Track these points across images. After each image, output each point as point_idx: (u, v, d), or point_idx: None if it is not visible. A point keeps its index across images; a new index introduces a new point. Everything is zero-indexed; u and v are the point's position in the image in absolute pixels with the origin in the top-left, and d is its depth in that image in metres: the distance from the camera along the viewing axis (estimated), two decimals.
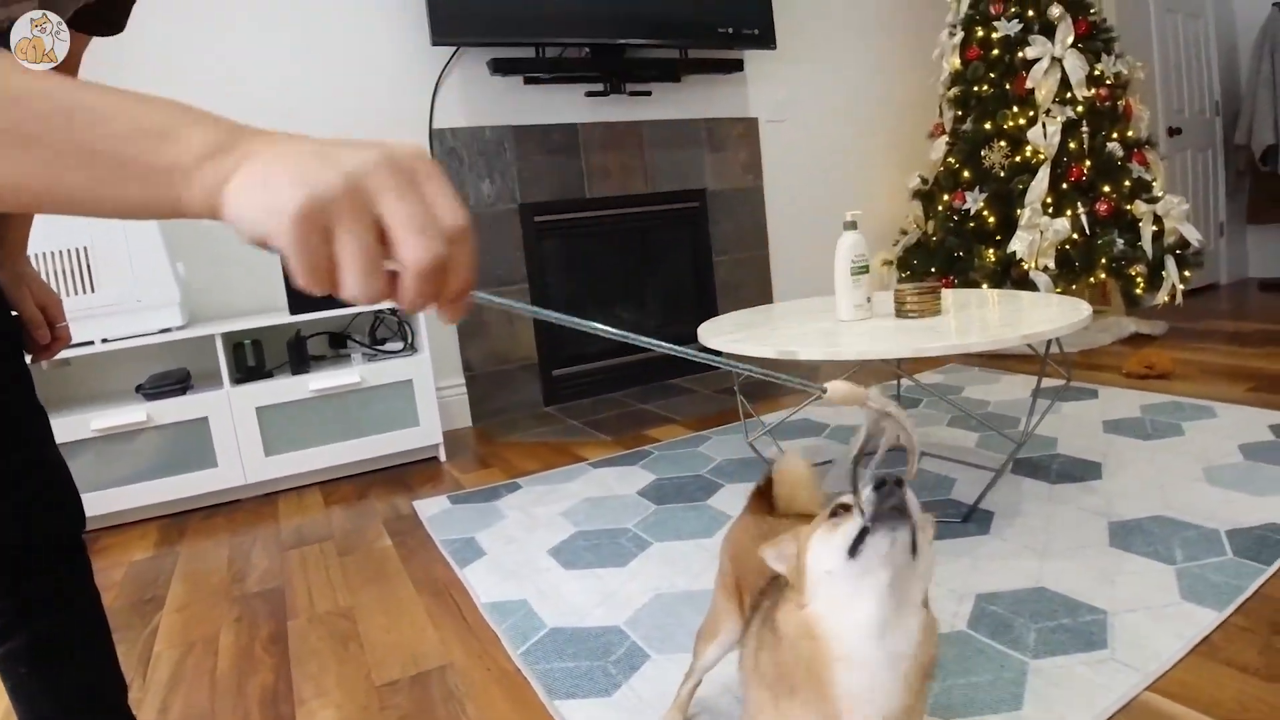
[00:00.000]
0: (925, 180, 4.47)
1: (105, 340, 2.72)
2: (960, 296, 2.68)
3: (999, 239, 4.01)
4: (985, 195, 4.07)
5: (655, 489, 2.61)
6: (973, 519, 2.12)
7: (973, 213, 4.09)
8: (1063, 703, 1.35)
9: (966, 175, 4.16)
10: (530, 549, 2.23)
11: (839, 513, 0.83)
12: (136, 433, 2.75)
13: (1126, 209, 3.92)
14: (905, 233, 4.52)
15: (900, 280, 4.37)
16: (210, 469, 2.85)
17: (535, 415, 3.79)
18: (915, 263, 4.29)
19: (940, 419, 3.06)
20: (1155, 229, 3.87)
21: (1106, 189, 3.92)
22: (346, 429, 3.03)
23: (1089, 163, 3.93)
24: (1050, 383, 3.09)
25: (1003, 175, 4.03)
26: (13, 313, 1.10)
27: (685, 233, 4.27)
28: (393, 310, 3.31)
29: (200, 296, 3.16)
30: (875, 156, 4.90)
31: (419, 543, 2.40)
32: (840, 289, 2.29)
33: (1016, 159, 4.00)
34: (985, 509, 2.17)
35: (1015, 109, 4.03)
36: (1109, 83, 4.04)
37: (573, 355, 4.00)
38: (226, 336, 2.88)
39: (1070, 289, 3.91)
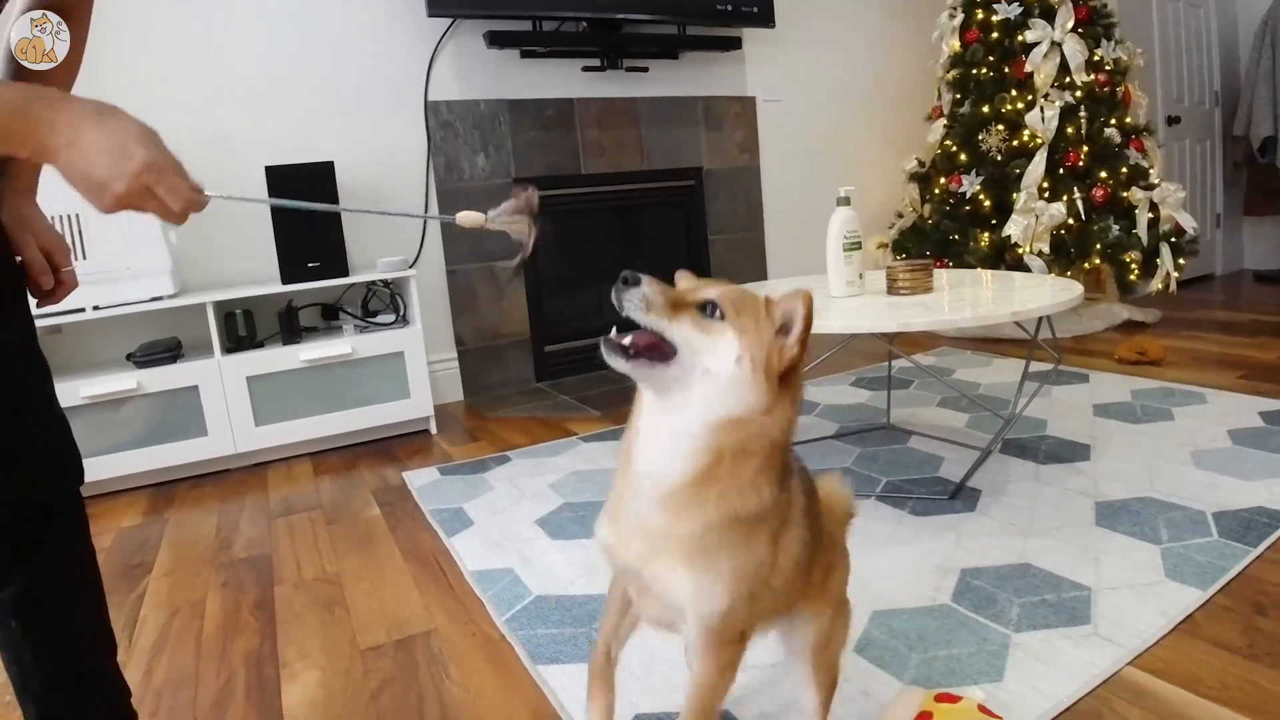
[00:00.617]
0: (922, 163, 4.46)
1: (96, 308, 2.71)
2: (953, 276, 2.67)
3: (994, 223, 4.00)
4: (982, 179, 4.07)
5: None
6: (959, 496, 2.12)
7: (969, 196, 4.08)
8: (1043, 675, 1.35)
9: (963, 158, 4.15)
10: (517, 520, 2.23)
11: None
12: (127, 400, 2.74)
13: (1123, 195, 3.91)
14: (901, 215, 4.51)
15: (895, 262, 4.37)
16: (200, 438, 2.84)
17: (526, 391, 3.78)
18: (910, 246, 4.29)
19: (931, 399, 3.06)
20: (1151, 216, 3.87)
21: (1103, 175, 3.91)
22: (337, 400, 3.02)
23: (1086, 148, 3.93)
24: (1041, 366, 3.09)
25: (1000, 159, 4.02)
26: (17, 259, 1.08)
27: (680, 211, 4.26)
28: (385, 282, 3.30)
29: (192, 265, 3.15)
30: (872, 138, 4.89)
31: (407, 513, 2.40)
32: (832, 265, 2.29)
33: (1014, 143, 3.99)
34: (972, 487, 2.18)
35: (1014, 93, 4.01)
36: (1108, 69, 4.03)
37: (565, 332, 4.00)
38: (218, 305, 2.87)
39: (1065, 274, 3.90)
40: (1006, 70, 4.06)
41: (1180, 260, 3.95)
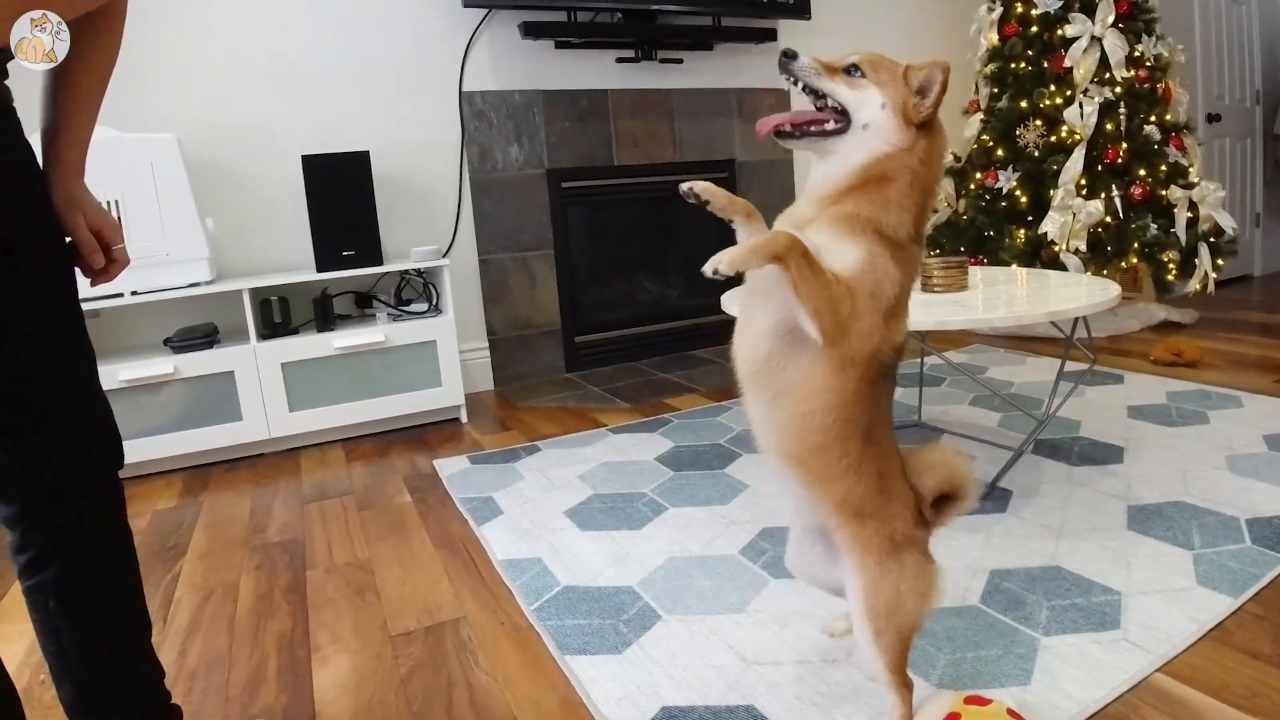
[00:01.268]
0: (958, 158, 4.42)
1: (135, 293, 2.75)
2: (988, 274, 2.65)
3: (1030, 220, 3.96)
4: (1018, 175, 4.02)
5: (673, 456, 2.61)
6: (991, 497, 2.11)
7: (1005, 192, 4.04)
8: (1071, 679, 1.35)
9: (1000, 154, 4.10)
10: (547, 510, 2.25)
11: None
12: (163, 384, 2.78)
13: (1161, 194, 3.86)
14: (936, 210, 4.47)
15: (930, 258, 4.34)
16: (235, 422, 2.88)
17: (556, 381, 3.80)
18: (944, 241, 4.25)
19: (963, 397, 3.04)
20: (1190, 215, 3.81)
21: (1142, 172, 3.86)
22: (369, 388, 3.05)
23: (1125, 145, 3.87)
24: (1076, 366, 3.07)
25: (1037, 155, 3.98)
26: (67, 239, 1.11)
27: None
28: (419, 271, 3.32)
29: (229, 252, 3.19)
30: None
31: (437, 500, 2.42)
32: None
33: (1051, 139, 3.94)
34: (1004, 488, 2.17)
35: (1052, 88, 3.96)
36: (1148, 65, 3.97)
37: (596, 323, 4.01)
38: (254, 292, 2.91)
39: (1101, 273, 3.86)
40: (1045, 65, 4.01)
41: (1219, 260, 3.89)
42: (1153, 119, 3.95)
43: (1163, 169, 3.89)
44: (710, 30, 3.94)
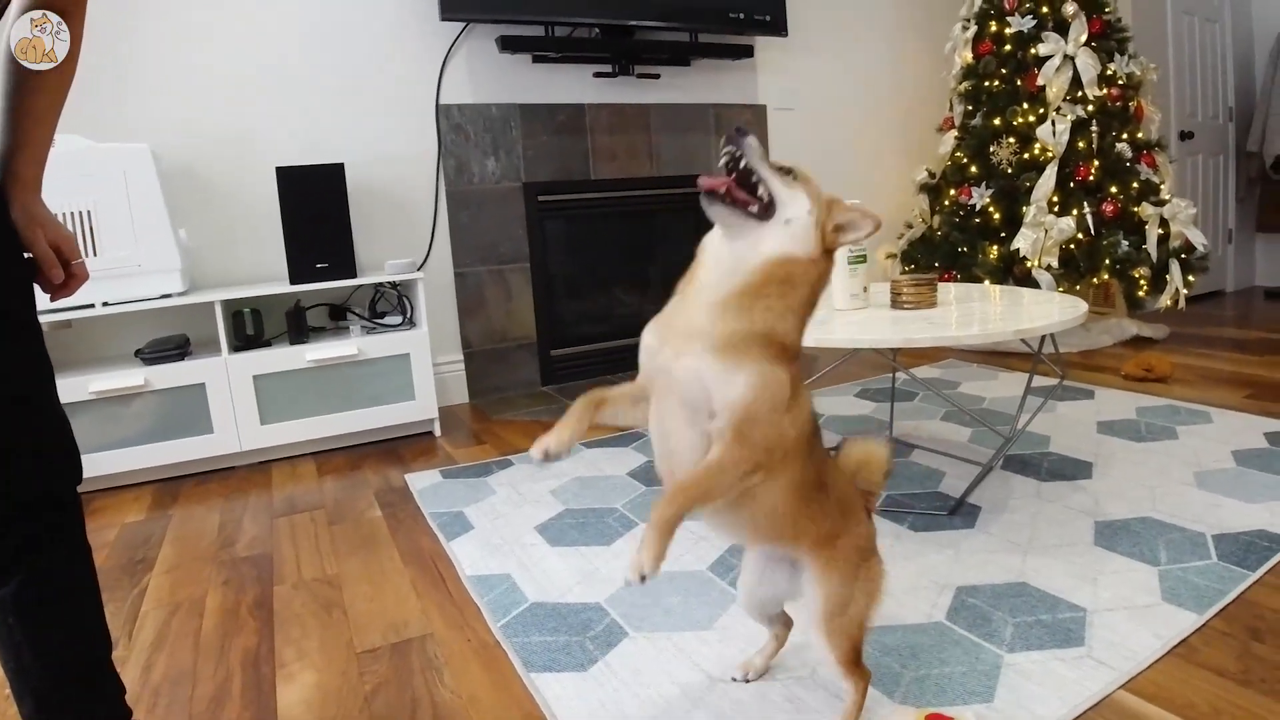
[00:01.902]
0: (932, 174, 4.45)
1: (106, 304, 2.73)
2: (961, 290, 2.67)
3: (1003, 236, 4.00)
4: (992, 191, 4.06)
5: (645, 471, 2.61)
6: (959, 512, 2.12)
7: (978, 208, 4.08)
8: (1034, 697, 1.35)
9: (974, 171, 4.14)
10: (517, 525, 2.24)
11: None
12: (134, 397, 2.76)
13: (1133, 211, 3.90)
14: (910, 226, 4.50)
15: (904, 273, 4.37)
16: (206, 435, 2.86)
17: (532, 394, 3.79)
18: (919, 257, 4.28)
19: (934, 413, 3.06)
20: (1161, 232, 3.86)
21: (1114, 190, 3.90)
22: (343, 401, 3.03)
23: (1097, 163, 3.92)
24: (1046, 381, 3.09)
25: (1010, 172, 4.01)
26: (26, 254, 1.10)
27: (689, 218, 4.26)
28: (393, 284, 3.31)
29: (202, 263, 3.17)
30: (883, 149, 4.89)
31: (408, 515, 2.41)
32: (837, 278, 2.29)
33: (1025, 156, 3.98)
34: (972, 503, 2.17)
35: (1025, 106, 4.01)
36: (1121, 83, 4.02)
37: (572, 336, 4.01)
38: (226, 304, 2.89)
39: (1073, 289, 3.90)
40: (1019, 83, 4.06)
41: (1190, 277, 3.94)
42: (1124, 137, 4.00)
43: (1134, 186, 3.93)
44: (688, 46, 3.96)
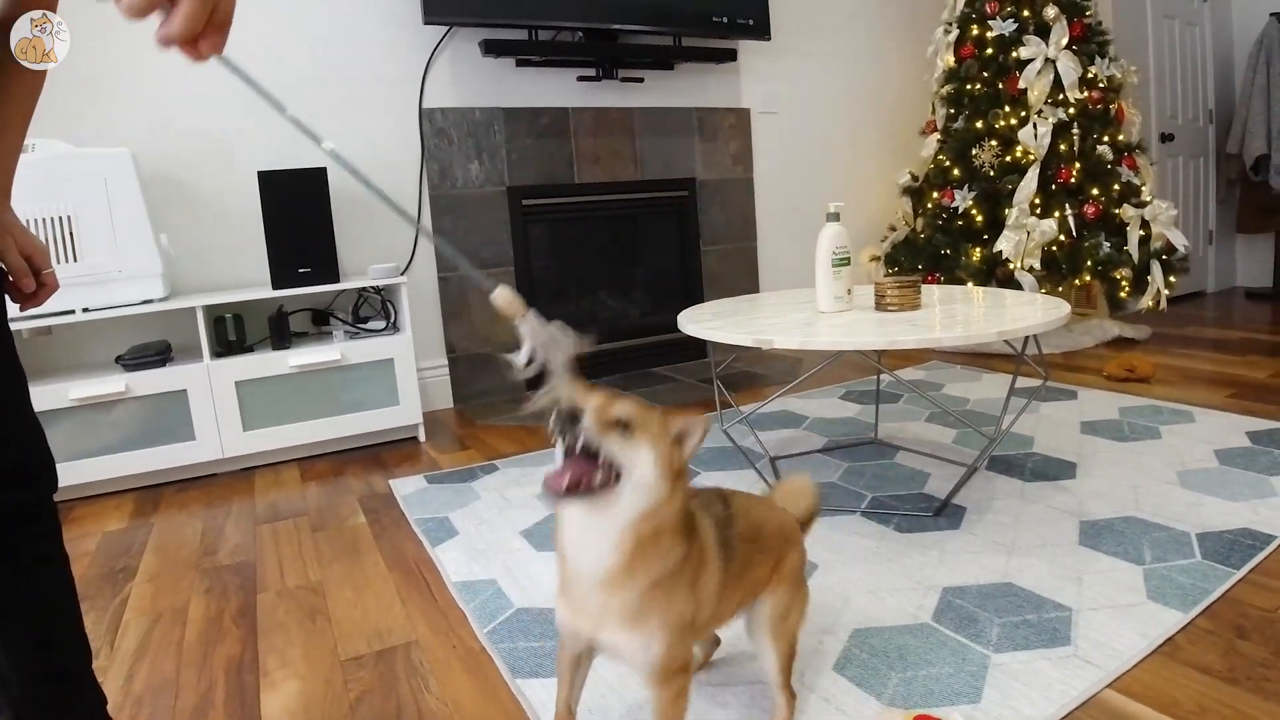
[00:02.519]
0: (915, 177, 4.47)
1: (86, 310, 2.70)
2: (944, 292, 2.68)
3: (986, 238, 4.02)
4: (974, 194, 4.08)
5: None
6: (944, 514, 2.13)
7: (961, 211, 4.10)
8: (1022, 697, 1.35)
9: (956, 173, 4.16)
10: (502, 530, 2.23)
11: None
12: (115, 403, 2.73)
13: (1114, 212, 3.93)
14: (894, 229, 4.52)
15: (887, 276, 4.38)
16: (188, 442, 2.84)
17: (517, 399, 3.78)
18: (902, 259, 4.30)
19: (919, 414, 3.07)
20: (1142, 233, 3.89)
21: (1095, 192, 3.93)
22: (326, 406, 3.02)
23: (1078, 165, 3.94)
24: (1029, 382, 3.10)
25: (992, 175, 4.03)
26: None
27: (673, 222, 4.27)
28: (377, 289, 3.30)
29: (183, 269, 3.15)
30: (866, 152, 4.90)
31: (392, 521, 2.39)
32: (821, 280, 2.29)
33: (1006, 159, 4.00)
34: (957, 504, 2.18)
35: (1007, 109, 4.03)
36: (1102, 86, 4.05)
37: None
38: (208, 309, 2.87)
39: (1056, 290, 3.92)
40: (1000, 86, 4.08)
41: (1171, 278, 3.97)
42: (1106, 139, 4.03)
43: (1116, 188, 3.96)
44: (671, 50, 3.97)
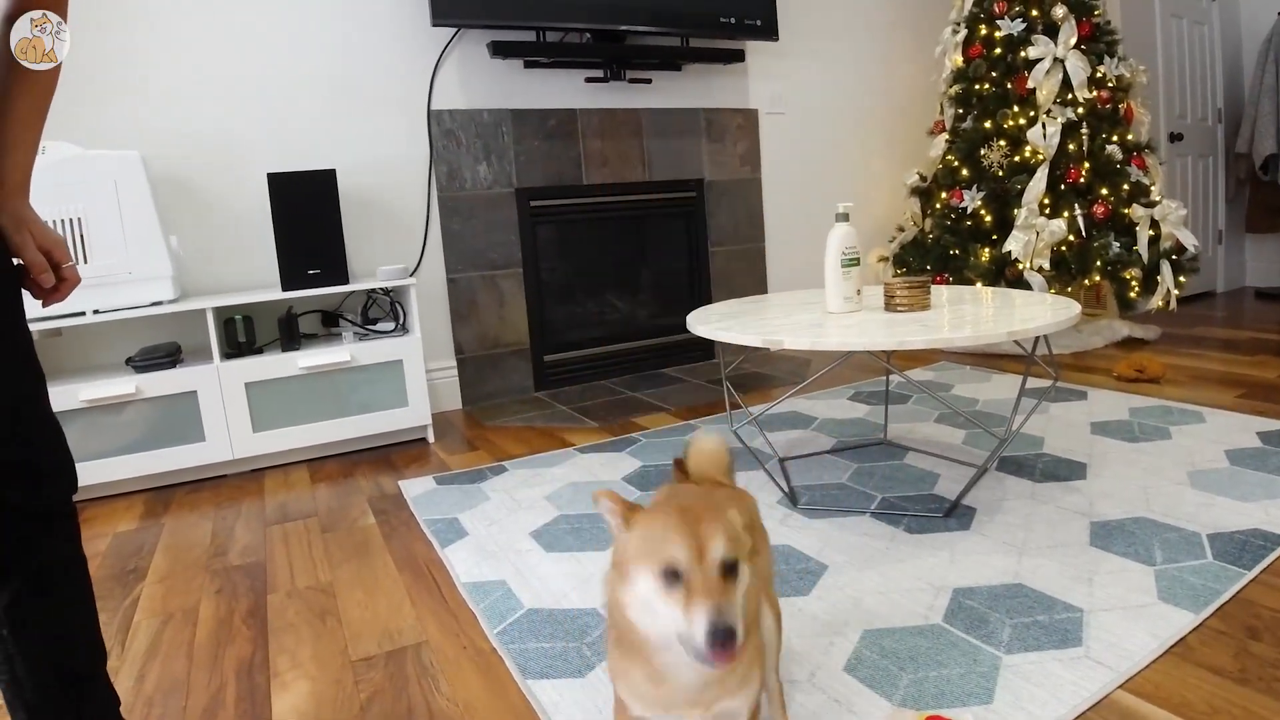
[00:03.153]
0: (924, 177, 4.46)
1: (97, 311, 2.71)
2: (953, 293, 2.68)
3: (995, 238, 4.01)
4: (983, 194, 4.07)
5: (640, 475, 2.61)
6: (954, 515, 2.12)
7: (969, 211, 4.09)
8: (1033, 698, 1.35)
9: (965, 173, 4.15)
10: (512, 531, 2.23)
11: (673, 577, 0.88)
12: (125, 405, 2.75)
13: (1124, 212, 3.91)
14: (902, 229, 4.51)
15: (895, 276, 4.37)
16: (198, 443, 2.85)
17: (525, 400, 3.79)
18: (911, 260, 4.29)
19: (928, 415, 3.06)
20: (1152, 233, 3.87)
21: (1104, 192, 3.92)
22: (335, 408, 3.02)
23: (1087, 165, 3.93)
24: (1039, 383, 3.10)
25: (1001, 175, 4.02)
26: (15, 260, 1.09)
27: (681, 222, 4.27)
28: (385, 290, 3.30)
29: (193, 271, 3.16)
30: (874, 152, 4.90)
31: (402, 522, 2.40)
32: (830, 281, 2.29)
33: (1015, 159, 3.99)
34: (967, 505, 2.18)
35: (1016, 109, 4.02)
36: (1110, 85, 4.03)
37: (565, 342, 4.01)
38: (218, 311, 2.88)
39: (1065, 290, 3.91)
40: (1009, 86, 4.07)
41: (1181, 278, 3.95)
42: (1114, 139, 4.01)
43: (1125, 188, 3.95)
44: (679, 51, 3.97)
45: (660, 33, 3.88)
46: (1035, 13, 4.03)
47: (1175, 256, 3.95)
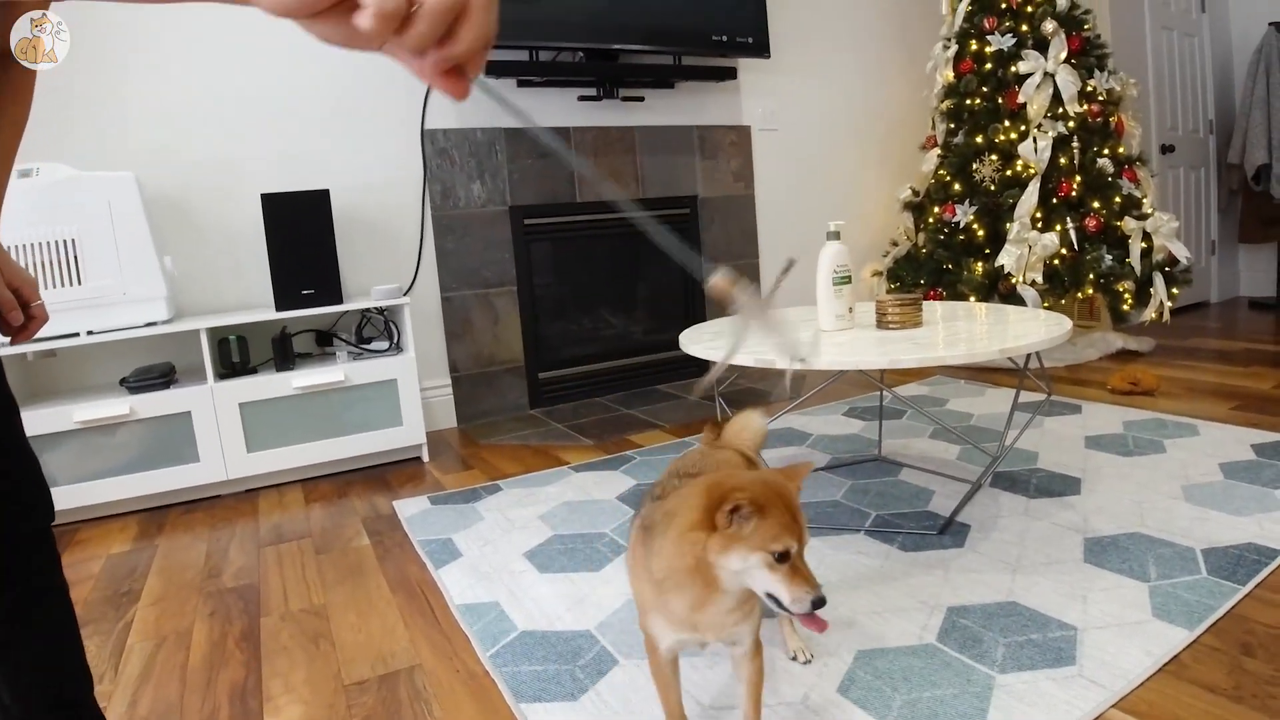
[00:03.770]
0: (916, 192, 4.48)
1: (91, 332, 2.71)
2: (947, 309, 2.68)
3: (988, 252, 4.02)
4: (975, 209, 4.08)
5: (634, 494, 2.60)
6: (948, 532, 2.12)
7: (962, 225, 4.10)
8: (1026, 718, 1.35)
9: (957, 188, 4.17)
10: (506, 551, 2.23)
11: (783, 558, 1.07)
12: (119, 426, 2.74)
13: (1116, 225, 3.93)
14: (895, 244, 4.52)
15: (889, 291, 4.39)
16: (192, 464, 2.84)
17: (520, 418, 3.78)
18: (904, 274, 4.30)
19: (922, 431, 3.06)
20: (1144, 246, 3.88)
21: (1096, 205, 3.93)
22: (329, 427, 3.02)
23: (1079, 178, 3.95)
24: (1034, 396, 3.10)
25: (993, 189, 4.04)
26: None
27: (675, 239, 4.26)
28: (380, 309, 3.31)
29: (187, 291, 3.16)
30: (867, 167, 4.91)
31: (396, 543, 2.39)
32: (822, 299, 2.30)
33: (1007, 173, 4.01)
34: (962, 522, 2.17)
35: (1007, 123, 4.04)
36: (1101, 99, 4.06)
37: (559, 359, 4.01)
38: (212, 332, 2.88)
39: (1058, 304, 3.92)
40: (1000, 101, 4.09)
41: (1174, 290, 3.96)
42: (1106, 152, 4.03)
43: (1116, 201, 3.96)
44: (671, 69, 3.99)
45: (653, 51, 3.89)
46: (1025, 28, 4.05)
47: (1168, 268, 3.96)
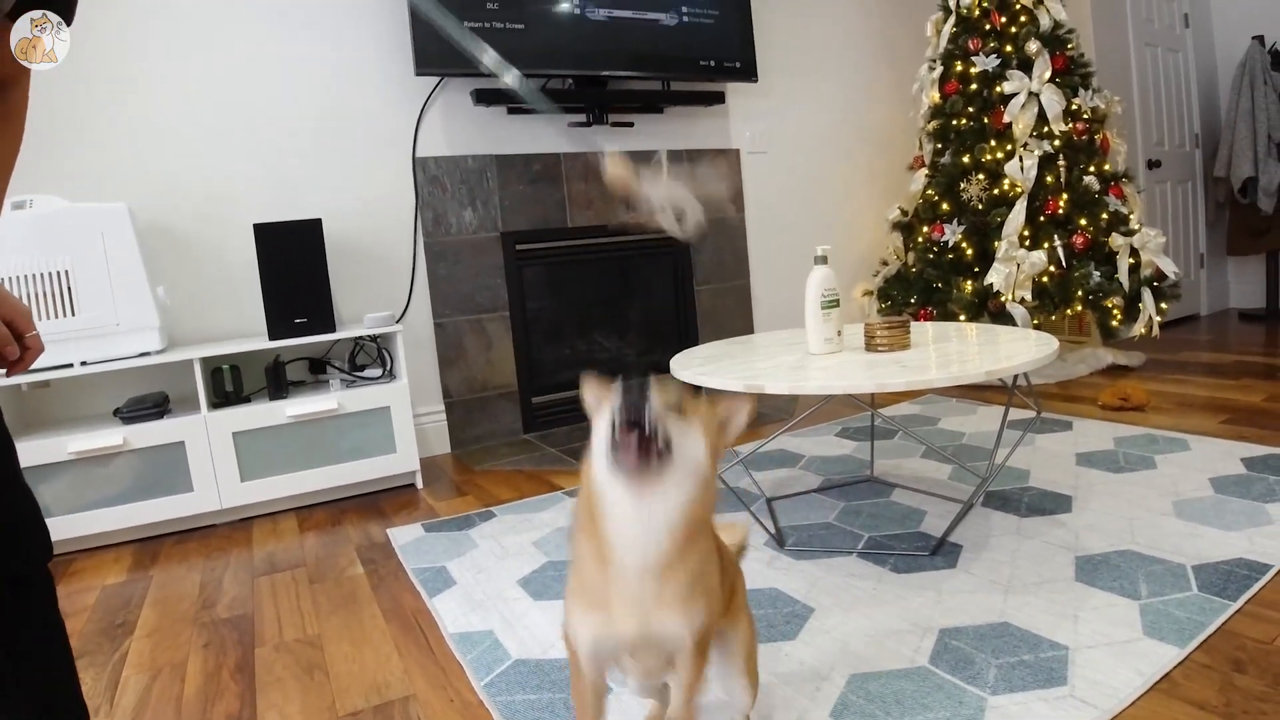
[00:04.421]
0: (905, 212, 4.51)
1: (84, 363, 2.72)
2: (938, 329, 2.70)
3: (976, 271, 4.04)
4: (963, 228, 4.11)
5: None
6: (940, 552, 2.13)
7: (951, 245, 4.13)
8: None
9: (945, 207, 4.20)
10: (500, 579, 2.23)
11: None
12: (113, 456, 2.74)
13: (1103, 242, 3.96)
14: (885, 264, 4.55)
15: (880, 311, 4.41)
16: (186, 494, 2.84)
17: (513, 442, 3.79)
18: (895, 294, 4.32)
19: (914, 450, 3.07)
20: (1132, 261, 3.91)
21: (1083, 222, 3.96)
22: (323, 455, 3.02)
23: (1066, 196, 3.98)
24: (1025, 414, 3.11)
25: (981, 208, 4.07)
26: None
27: (666, 262, 4.30)
28: (373, 337, 3.32)
29: (180, 321, 3.17)
30: (856, 188, 4.95)
31: (390, 571, 2.40)
32: (811, 322, 2.31)
33: (994, 192, 4.04)
34: (953, 542, 2.18)
35: (993, 143, 4.07)
36: (1086, 117, 4.09)
37: (552, 383, 4.02)
38: (205, 361, 2.89)
39: (1048, 321, 3.94)
40: (986, 121, 4.13)
41: (1163, 304, 3.99)
42: (1092, 169, 4.06)
43: (1104, 218, 3.99)
44: (660, 94, 4.02)
45: (641, 77, 3.93)
46: (1009, 48, 4.10)
47: (1156, 284, 3.99)
